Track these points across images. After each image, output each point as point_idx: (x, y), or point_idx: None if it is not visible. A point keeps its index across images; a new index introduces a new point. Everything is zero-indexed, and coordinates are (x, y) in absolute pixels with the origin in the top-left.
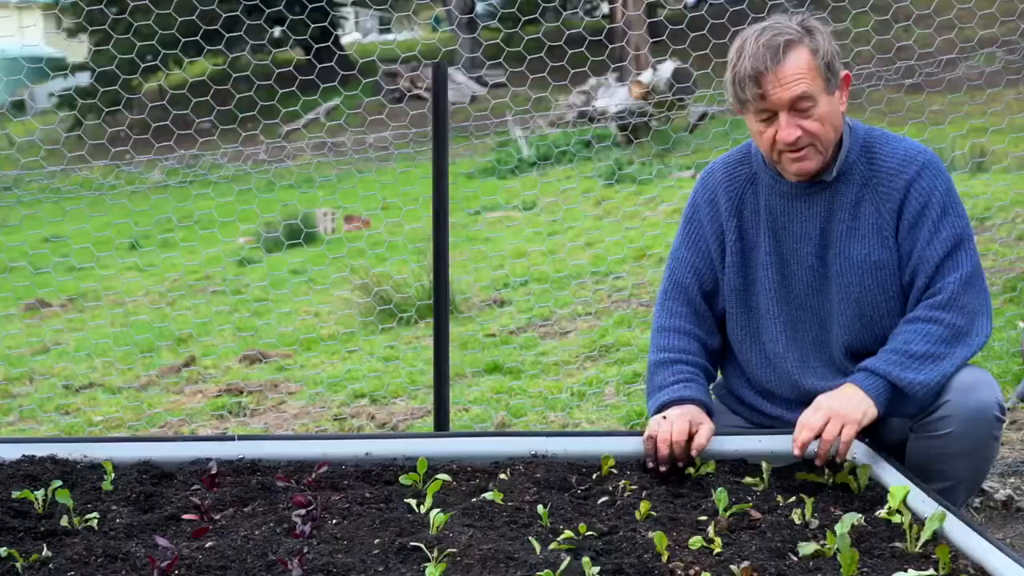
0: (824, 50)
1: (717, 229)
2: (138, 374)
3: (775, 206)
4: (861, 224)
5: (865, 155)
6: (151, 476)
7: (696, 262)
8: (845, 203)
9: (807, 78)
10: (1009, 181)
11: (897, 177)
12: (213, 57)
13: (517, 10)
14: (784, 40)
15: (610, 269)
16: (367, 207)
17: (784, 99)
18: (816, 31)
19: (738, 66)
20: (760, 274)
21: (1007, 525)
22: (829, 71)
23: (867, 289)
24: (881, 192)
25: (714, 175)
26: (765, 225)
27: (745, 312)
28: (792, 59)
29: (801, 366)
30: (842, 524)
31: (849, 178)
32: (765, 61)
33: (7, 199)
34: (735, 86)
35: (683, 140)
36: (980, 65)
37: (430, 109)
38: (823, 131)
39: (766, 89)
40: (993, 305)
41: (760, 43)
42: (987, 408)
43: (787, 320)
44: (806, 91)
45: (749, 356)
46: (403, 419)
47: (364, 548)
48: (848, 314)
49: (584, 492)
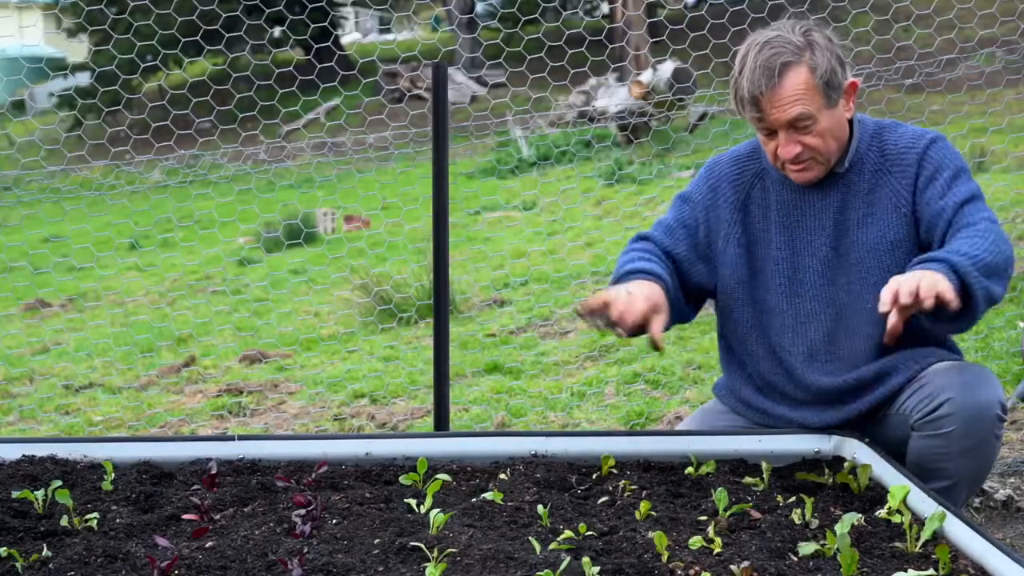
0: (824, 67)
1: (713, 216)
2: (138, 374)
3: (787, 201)
4: (877, 208)
5: (876, 143)
6: (151, 476)
7: (677, 230)
8: (859, 192)
9: (804, 98)
10: (1009, 181)
11: (908, 153)
12: (213, 57)
13: (517, 10)
14: (781, 62)
15: (610, 269)
16: (367, 207)
17: (782, 120)
18: (817, 45)
19: (738, 82)
20: (770, 268)
21: (1007, 525)
22: (829, 87)
23: (886, 270)
24: (895, 172)
25: (720, 166)
26: (776, 220)
27: (751, 305)
28: (789, 80)
29: (807, 361)
30: (842, 524)
31: (861, 168)
32: (761, 84)
33: (7, 199)
34: (735, 103)
35: (683, 140)
36: (980, 65)
37: (430, 109)
38: (824, 145)
39: (764, 111)
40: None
41: (758, 63)
42: (989, 407)
43: (796, 314)
44: (803, 112)
45: (754, 349)
46: (403, 419)
47: (364, 548)
48: (865, 298)
49: (584, 492)
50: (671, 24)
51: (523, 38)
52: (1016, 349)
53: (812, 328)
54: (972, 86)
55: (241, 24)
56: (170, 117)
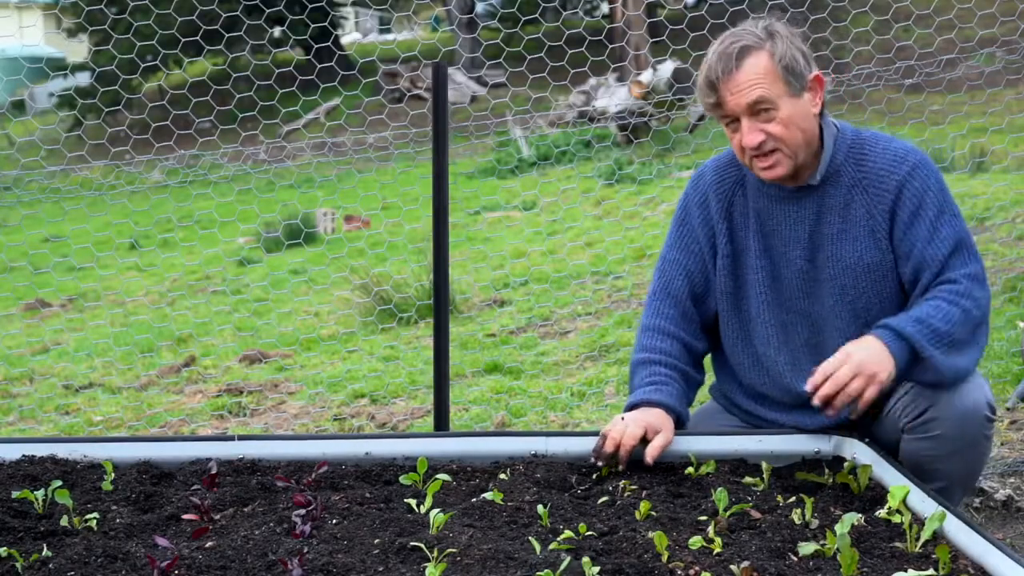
0: (783, 53)
1: (709, 232)
2: (138, 374)
3: (763, 209)
4: (852, 226)
5: (854, 157)
6: (151, 476)
7: (688, 264)
8: (834, 206)
9: (764, 83)
10: (1009, 181)
11: (888, 178)
12: (213, 57)
13: (517, 10)
14: (740, 46)
15: (610, 269)
16: (367, 207)
17: (741, 104)
18: (778, 35)
19: (699, 74)
20: (751, 277)
21: (1007, 525)
22: (790, 74)
23: (862, 291)
24: (872, 193)
25: (704, 177)
26: (754, 228)
27: (736, 315)
28: (748, 65)
29: (793, 369)
30: (842, 524)
31: (837, 180)
32: (718, 70)
33: (7, 199)
34: (697, 94)
35: (683, 140)
36: (980, 65)
37: (430, 109)
38: (788, 134)
39: (722, 96)
40: (993, 305)
41: (718, 51)
42: (977, 408)
43: (778, 323)
44: (762, 95)
45: (741, 359)
46: (403, 419)
47: (364, 548)
48: (843, 317)
49: (584, 492)
50: (671, 24)
51: (523, 38)
52: (1016, 349)
53: (794, 338)
54: (972, 86)
55: (241, 24)
56: (170, 117)
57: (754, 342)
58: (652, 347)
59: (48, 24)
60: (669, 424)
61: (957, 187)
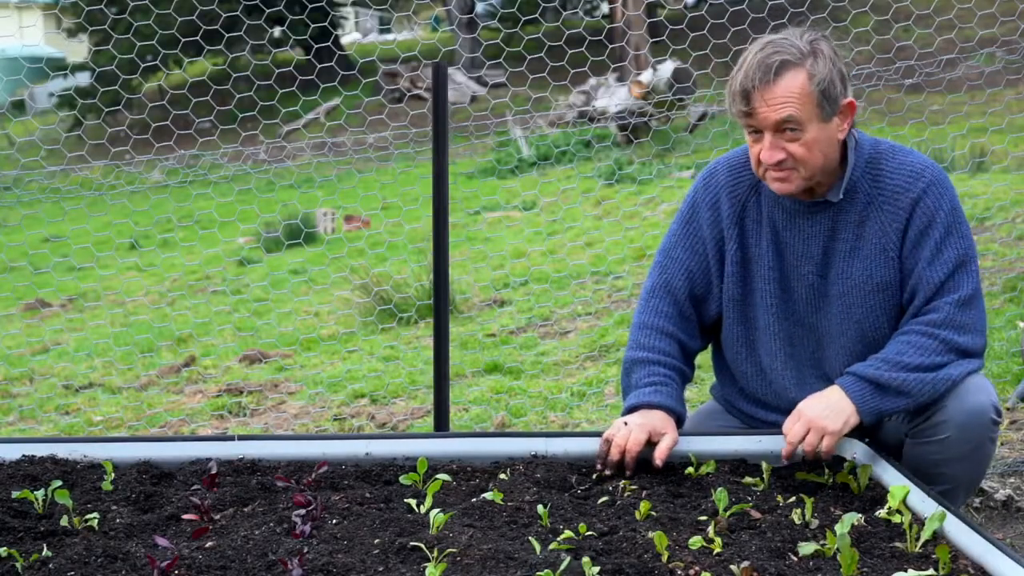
0: (823, 76)
1: (717, 235)
2: (138, 374)
3: (778, 220)
4: (864, 244)
5: (870, 172)
6: (151, 476)
7: (690, 264)
8: (849, 223)
9: (796, 102)
10: (1009, 181)
11: (903, 195)
12: (213, 57)
13: (517, 10)
14: (781, 60)
15: (610, 269)
16: (367, 207)
17: (770, 120)
18: (821, 55)
19: (734, 77)
20: (760, 287)
21: (1007, 525)
22: (825, 98)
23: (869, 310)
24: (887, 211)
25: (717, 176)
26: (768, 238)
27: (742, 323)
28: (785, 81)
29: (798, 382)
30: (842, 524)
31: (853, 197)
32: (755, 79)
33: (7, 199)
34: (728, 97)
35: (683, 140)
36: (980, 65)
37: (430, 109)
38: (808, 157)
39: (753, 107)
40: (993, 305)
41: (758, 59)
42: (983, 412)
43: (786, 336)
44: (793, 115)
45: (745, 368)
46: (403, 419)
47: (364, 548)
48: (849, 335)
49: (584, 492)
50: (671, 24)
51: (523, 38)
52: (1016, 349)
53: (800, 352)
54: (972, 86)
55: (241, 24)
56: (170, 117)
57: (759, 352)
58: (650, 346)
59: (48, 24)
60: (672, 425)
61: (957, 187)
